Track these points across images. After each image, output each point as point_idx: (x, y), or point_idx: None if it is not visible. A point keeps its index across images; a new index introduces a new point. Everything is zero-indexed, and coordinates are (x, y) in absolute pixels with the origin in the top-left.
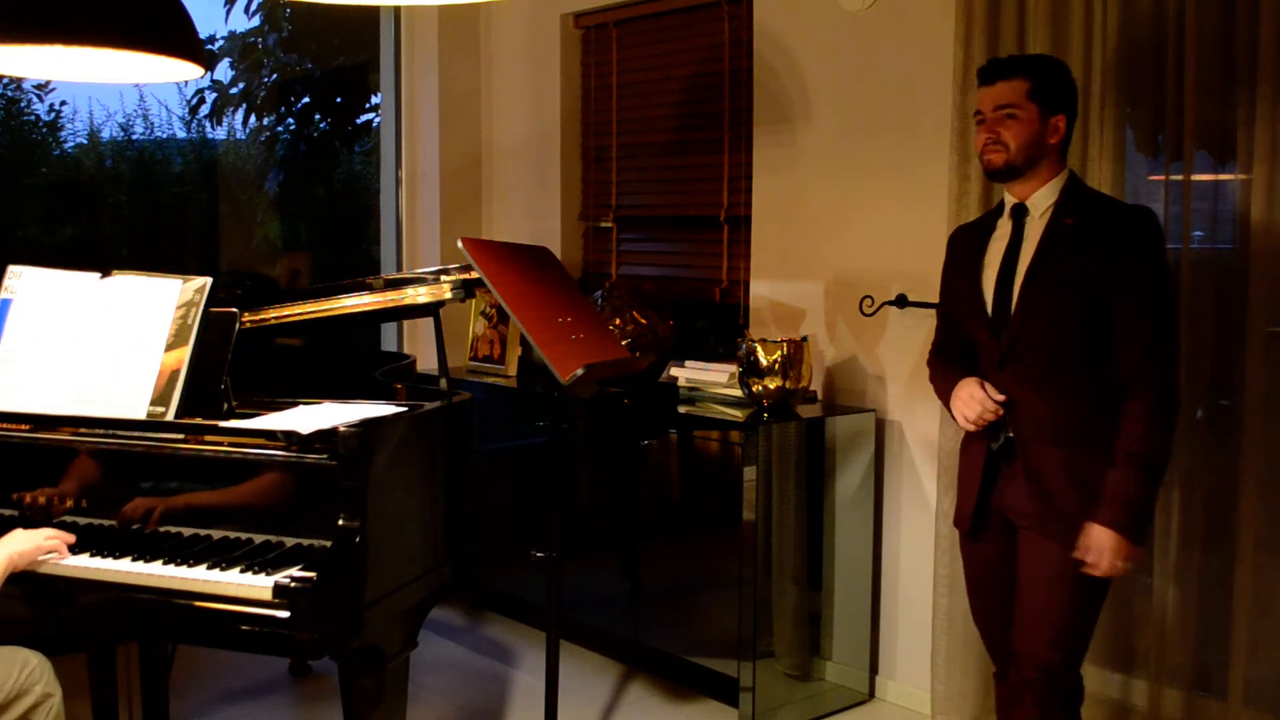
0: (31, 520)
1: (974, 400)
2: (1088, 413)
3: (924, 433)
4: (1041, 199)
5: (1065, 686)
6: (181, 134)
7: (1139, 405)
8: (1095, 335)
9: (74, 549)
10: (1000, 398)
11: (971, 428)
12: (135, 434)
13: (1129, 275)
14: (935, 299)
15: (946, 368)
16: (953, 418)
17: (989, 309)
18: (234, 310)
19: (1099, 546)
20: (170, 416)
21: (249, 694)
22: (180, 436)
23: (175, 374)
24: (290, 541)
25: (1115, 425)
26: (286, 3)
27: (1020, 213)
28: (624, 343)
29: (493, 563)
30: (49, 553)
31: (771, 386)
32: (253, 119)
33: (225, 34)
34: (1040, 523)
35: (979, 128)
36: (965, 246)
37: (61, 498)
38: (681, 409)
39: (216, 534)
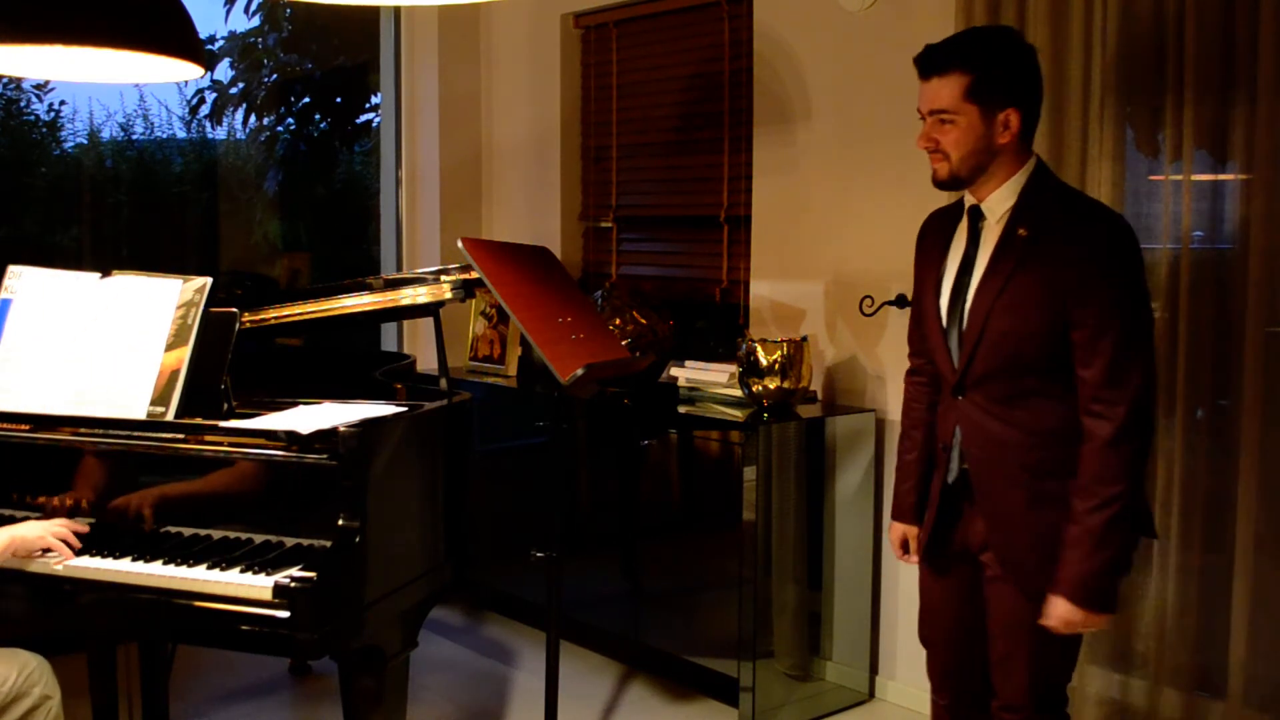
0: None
1: (894, 545)
2: (1054, 444)
3: None
4: (998, 202)
5: None
6: (181, 134)
7: (1097, 443)
8: (1058, 358)
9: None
10: None
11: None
12: (135, 434)
13: (1089, 293)
14: None
15: (905, 449)
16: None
17: (943, 323)
18: (234, 310)
19: (1061, 618)
20: (170, 416)
21: (249, 694)
22: (180, 436)
23: (175, 374)
24: (290, 541)
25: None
26: (286, 3)
27: (976, 216)
28: (624, 343)
29: (493, 563)
30: (53, 545)
31: (771, 386)
32: (253, 119)
33: (225, 34)
34: (1001, 567)
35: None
36: (931, 245)
37: (61, 498)
38: (681, 409)
39: (216, 534)
